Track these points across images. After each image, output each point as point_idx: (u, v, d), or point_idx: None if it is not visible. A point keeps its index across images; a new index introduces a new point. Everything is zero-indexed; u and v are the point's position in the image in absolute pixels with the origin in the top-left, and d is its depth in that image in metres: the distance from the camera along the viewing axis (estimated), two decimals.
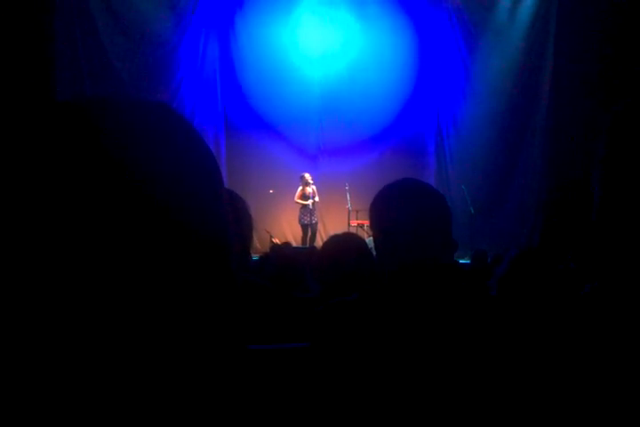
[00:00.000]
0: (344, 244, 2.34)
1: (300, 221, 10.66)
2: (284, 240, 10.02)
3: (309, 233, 10.56)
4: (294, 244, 9.62)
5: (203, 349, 0.51)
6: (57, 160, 0.47)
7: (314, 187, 10.57)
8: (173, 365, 0.49)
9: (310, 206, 10.51)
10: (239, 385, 0.54)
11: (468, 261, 7.28)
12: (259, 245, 10.52)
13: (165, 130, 0.53)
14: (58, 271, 0.45)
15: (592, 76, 9.06)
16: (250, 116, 11.43)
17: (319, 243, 9.70)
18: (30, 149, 0.48)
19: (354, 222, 10.29)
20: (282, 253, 5.59)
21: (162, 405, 0.48)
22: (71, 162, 0.47)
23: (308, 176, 10.57)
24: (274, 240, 9.98)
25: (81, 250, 0.46)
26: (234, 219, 0.55)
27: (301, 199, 10.59)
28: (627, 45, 8.80)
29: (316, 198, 10.58)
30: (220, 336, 0.53)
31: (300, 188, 10.60)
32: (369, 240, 4.51)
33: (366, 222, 9.02)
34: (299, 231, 10.81)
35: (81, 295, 0.46)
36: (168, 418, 0.49)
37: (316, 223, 10.67)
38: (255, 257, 5.52)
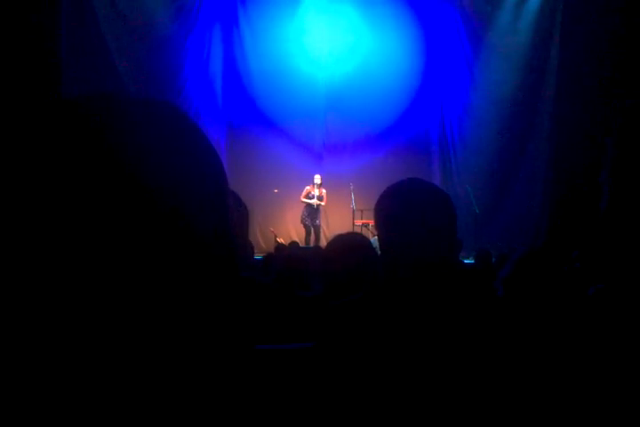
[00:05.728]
0: (348, 243, 2.33)
1: (301, 220, 10.68)
2: (288, 239, 10.04)
3: (312, 234, 10.57)
4: (300, 244, 9.63)
5: (207, 349, 0.51)
6: (60, 158, 0.47)
7: (324, 191, 10.57)
8: (178, 365, 0.49)
9: (314, 207, 10.51)
10: (244, 385, 0.54)
11: (473, 261, 7.26)
12: (263, 245, 10.54)
13: (169, 128, 0.52)
14: (60, 272, 0.45)
15: (597, 75, 9.03)
16: (255, 116, 11.43)
17: (323, 242, 9.70)
18: (34, 146, 0.48)
19: (358, 222, 10.30)
20: (286, 252, 5.60)
21: (167, 405, 0.48)
22: (74, 160, 0.47)
23: (315, 177, 10.59)
24: (278, 240, 9.99)
25: (82, 249, 0.45)
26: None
27: (306, 199, 10.62)
28: (633, 44, 8.77)
29: (322, 203, 10.57)
30: (226, 336, 0.53)
31: (308, 187, 10.62)
32: (373, 240, 4.51)
33: (371, 222, 9.03)
34: (303, 231, 10.82)
35: (84, 296, 0.46)
36: (173, 418, 0.49)
37: (319, 226, 10.67)
38: (259, 256, 5.53)
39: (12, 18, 7.12)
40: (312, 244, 10.12)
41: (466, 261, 7.69)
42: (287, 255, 4.15)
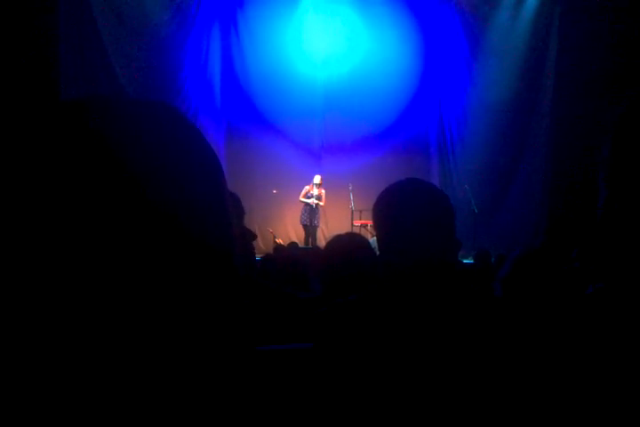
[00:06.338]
0: (347, 244, 2.33)
1: (300, 221, 10.68)
2: (287, 240, 10.03)
3: (310, 234, 10.58)
4: (299, 244, 9.62)
5: (206, 349, 0.51)
6: (57, 160, 0.47)
7: (323, 191, 10.58)
8: (177, 365, 0.49)
9: (312, 207, 10.51)
10: (243, 386, 0.54)
11: (472, 261, 7.27)
12: (262, 246, 10.53)
13: (167, 129, 0.52)
14: (60, 273, 0.45)
15: (596, 74, 9.04)
16: (253, 116, 11.43)
17: (322, 243, 9.70)
18: (31, 148, 0.47)
19: (357, 222, 10.30)
20: (285, 253, 5.60)
21: (166, 405, 0.48)
22: (72, 162, 0.47)
23: (315, 177, 10.61)
24: (277, 240, 9.99)
25: (81, 251, 0.45)
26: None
27: (304, 198, 10.63)
28: (631, 42, 8.78)
29: (321, 203, 10.58)
30: (225, 337, 0.53)
31: (307, 187, 10.63)
32: (372, 240, 4.51)
33: (369, 222, 9.02)
34: (302, 231, 10.82)
35: (83, 297, 0.45)
36: (173, 418, 0.48)
37: (316, 226, 10.67)
38: (258, 257, 5.53)
39: (11, 20, 7.12)
40: (311, 245, 10.11)
41: (465, 261, 7.69)
42: (286, 256, 4.15)
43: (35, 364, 0.45)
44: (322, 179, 10.66)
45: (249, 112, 11.44)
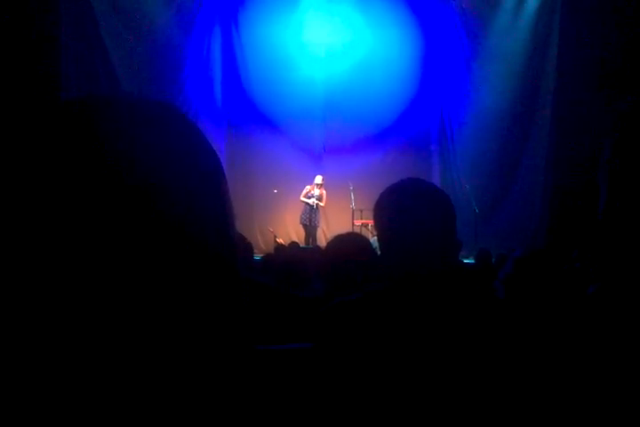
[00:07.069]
0: (348, 243, 2.33)
1: (300, 221, 10.68)
2: (288, 240, 10.03)
3: (311, 234, 10.58)
4: (300, 244, 9.62)
5: (208, 349, 0.51)
6: (58, 159, 0.46)
7: (324, 191, 10.58)
8: (179, 365, 0.49)
9: (313, 207, 10.51)
10: (243, 386, 0.54)
11: (472, 261, 7.26)
12: (263, 246, 10.53)
13: (168, 128, 0.52)
14: (61, 273, 0.45)
15: (596, 75, 9.03)
16: (254, 116, 11.44)
17: (322, 242, 9.70)
18: (32, 147, 0.47)
19: (358, 222, 10.29)
20: (286, 252, 5.59)
21: (167, 405, 0.48)
22: (72, 161, 0.46)
23: (316, 178, 10.62)
24: (278, 240, 9.99)
25: (81, 251, 0.45)
26: None
27: (305, 198, 10.63)
28: (631, 44, 8.77)
29: (321, 203, 10.58)
30: (226, 336, 0.53)
31: (308, 187, 10.63)
32: (373, 240, 4.50)
33: (370, 222, 9.02)
34: (302, 231, 10.82)
35: (84, 297, 0.45)
36: (173, 418, 0.48)
37: (315, 227, 10.67)
38: (259, 257, 5.53)
39: (11, 19, 7.12)
40: (311, 244, 10.11)
41: (466, 261, 7.69)
42: (287, 256, 4.15)
43: (37, 364, 0.45)
44: (323, 179, 10.67)
45: (249, 112, 11.44)
